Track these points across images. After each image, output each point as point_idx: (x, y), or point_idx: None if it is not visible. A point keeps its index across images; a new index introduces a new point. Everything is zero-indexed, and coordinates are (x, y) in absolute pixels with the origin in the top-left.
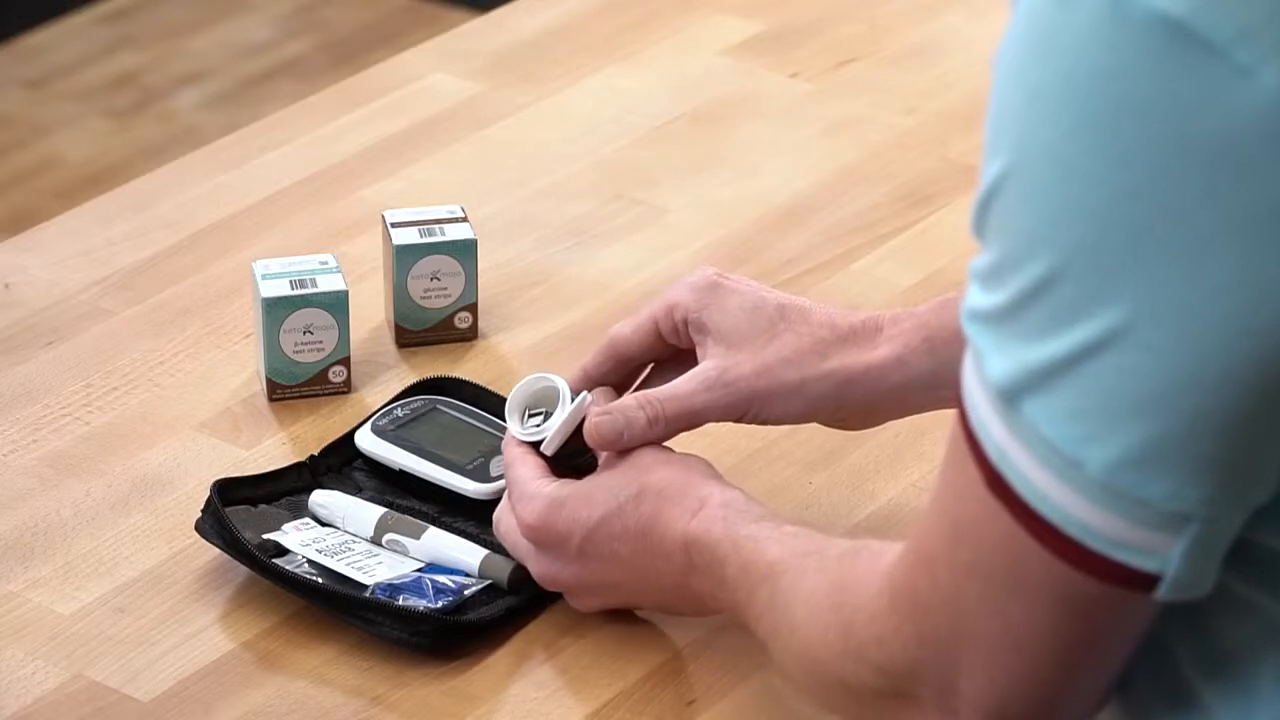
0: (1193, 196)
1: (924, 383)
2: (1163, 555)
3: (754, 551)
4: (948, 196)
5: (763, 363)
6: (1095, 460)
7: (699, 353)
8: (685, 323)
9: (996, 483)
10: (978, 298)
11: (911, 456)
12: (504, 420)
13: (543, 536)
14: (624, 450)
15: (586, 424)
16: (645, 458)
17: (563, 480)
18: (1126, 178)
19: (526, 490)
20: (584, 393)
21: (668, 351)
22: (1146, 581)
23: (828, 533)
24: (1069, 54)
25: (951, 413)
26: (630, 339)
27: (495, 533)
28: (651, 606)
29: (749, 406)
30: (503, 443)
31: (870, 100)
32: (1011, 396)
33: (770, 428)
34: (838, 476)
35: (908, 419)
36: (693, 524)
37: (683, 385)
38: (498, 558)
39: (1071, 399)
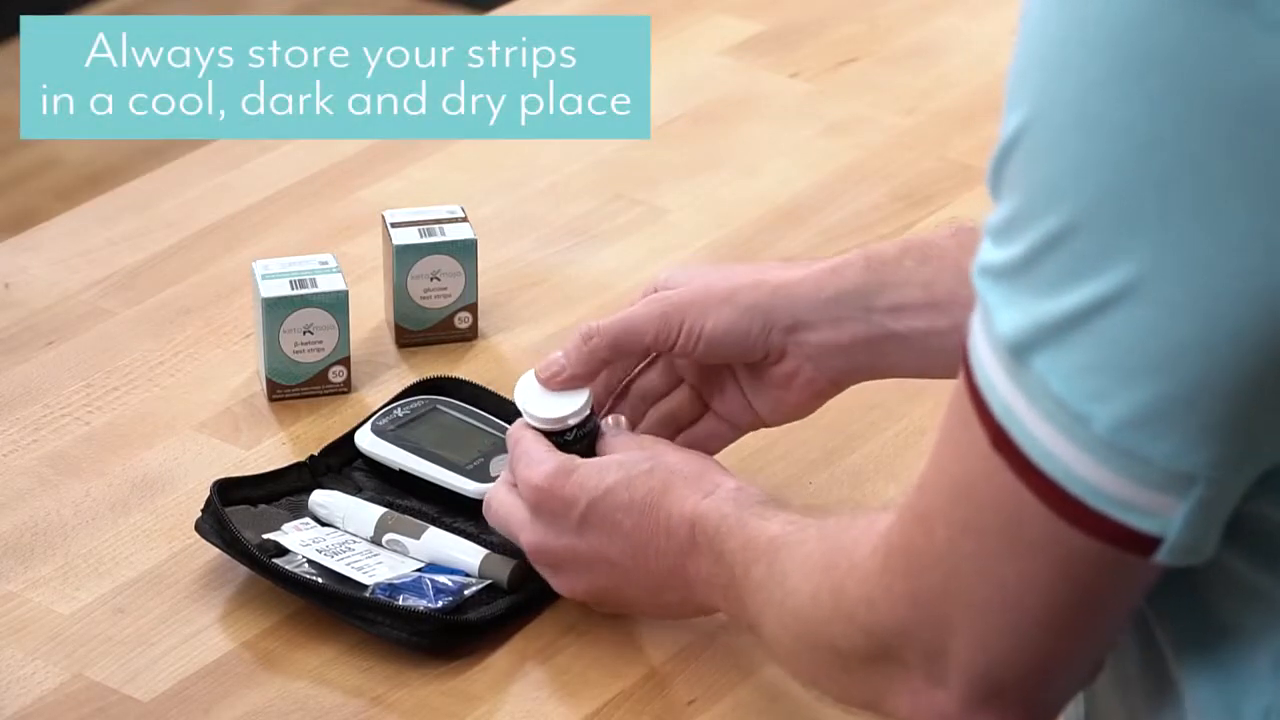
0: (1216, 149)
1: (856, 299)
2: (1165, 517)
3: (757, 528)
4: (948, 196)
5: (702, 280)
6: (1103, 417)
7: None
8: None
9: (1000, 439)
10: (990, 253)
11: (912, 456)
12: (504, 420)
13: (546, 500)
14: (639, 439)
15: (535, 369)
16: (662, 443)
17: (572, 455)
18: (1151, 128)
19: (534, 455)
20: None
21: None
22: (1147, 544)
23: None
24: (1096, 4)
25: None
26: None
27: (485, 512)
28: (635, 597)
29: (682, 316)
30: (511, 427)
31: (870, 100)
32: (1021, 351)
33: (772, 428)
34: (838, 476)
35: (906, 423)
36: (704, 502)
37: (623, 311)
38: (498, 558)
39: (1083, 354)
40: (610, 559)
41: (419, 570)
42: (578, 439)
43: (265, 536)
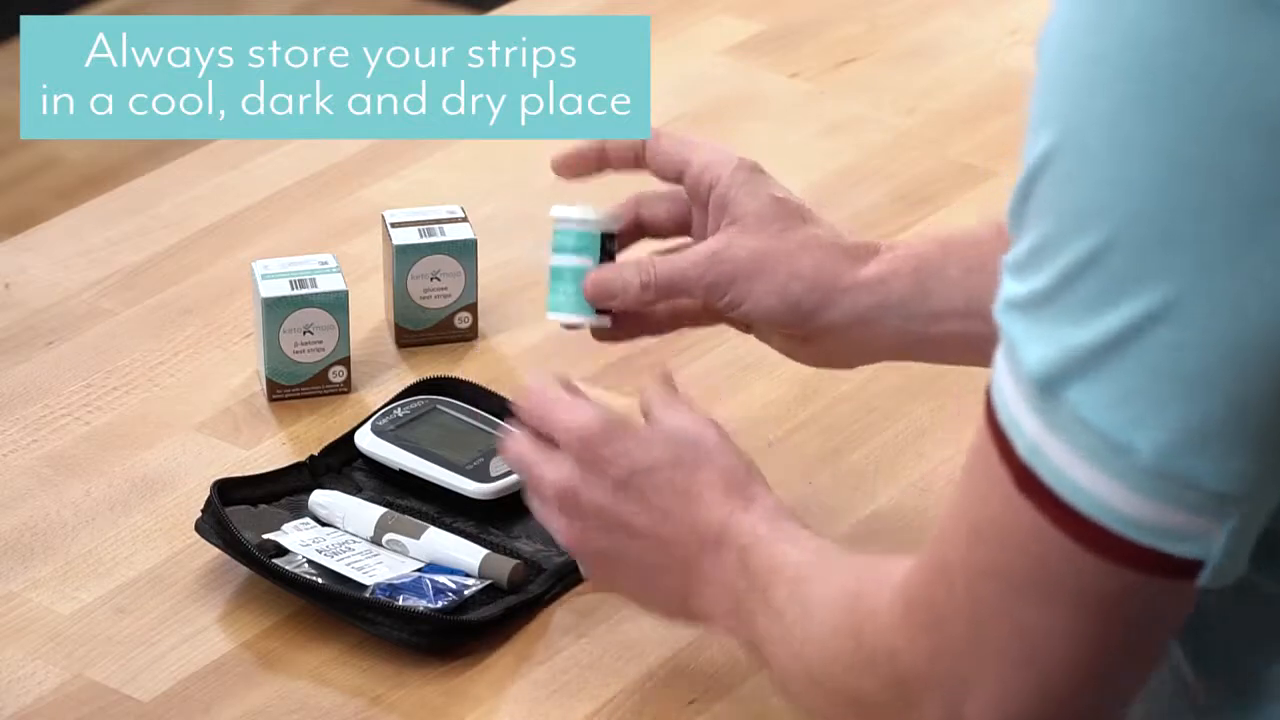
0: (1253, 166)
1: (900, 309)
2: (1206, 540)
3: (787, 551)
4: (948, 196)
5: (759, 249)
6: (1146, 444)
7: (710, 225)
8: (710, 189)
9: (1026, 480)
10: (1012, 288)
11: (911, 456)
12: (504, 420)
13: (589, 449)
14: (695, 422)
15: (587, 279)
16: (718, 439)
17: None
18: (1187, 147)
19: (569, 401)
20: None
21: (671, 184)
22: (1187, 569)
23: (828, 533)
24: (1130, 21)
25: (955, 412)
26: (663, 152)
27: (500, 450)
28: (637, 576)
29: (729, 288)
30: (530, 385)
31: (870, 100)
32: (1051, 385)
33: (772, 428)
34: (838, 476)
35: (906, 423)
36: (739, 512)
37: (681, 257)
38: (498, 558)
39: (1119, 381)
40: (634, 528)
41: (419, 570)
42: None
43: (265, 536)
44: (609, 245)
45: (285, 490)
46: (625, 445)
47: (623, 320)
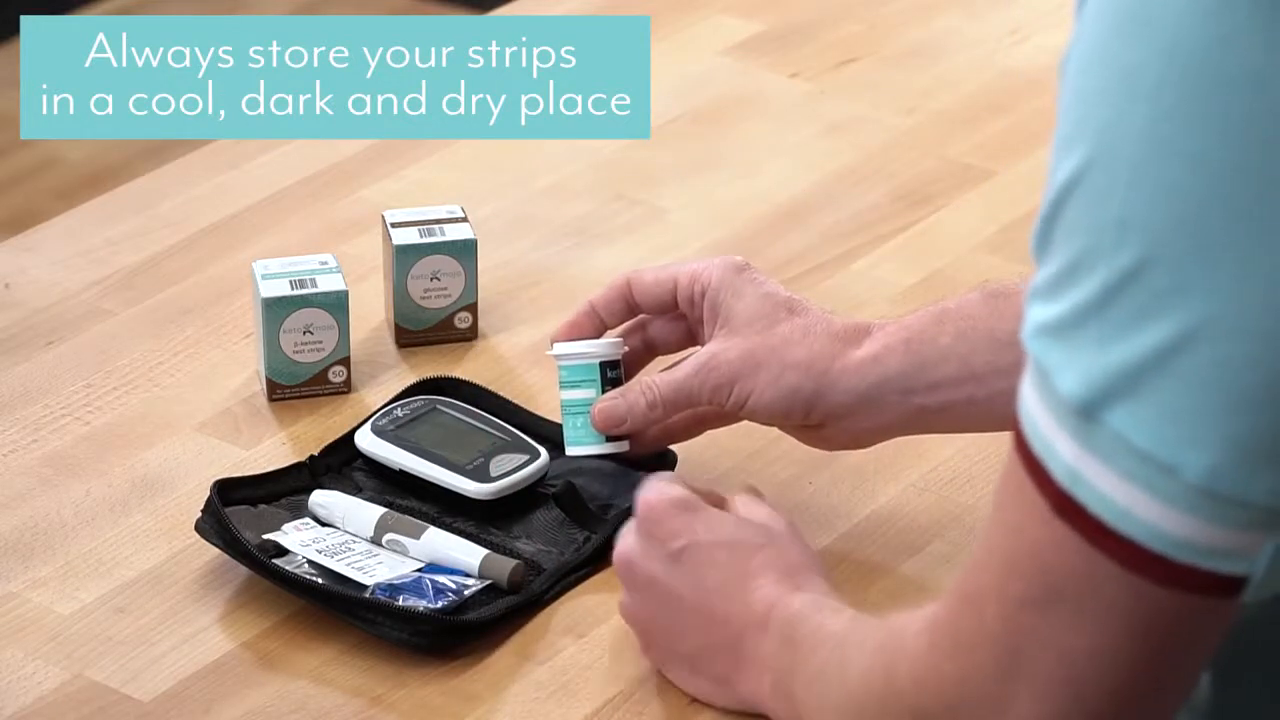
0: None
1: (897, 384)
2: (1250, 556)
3: (828, 620)
4: (948, 196)
5: (749, 348)
6: (1194, 463)
7: (705, 332)
8: (703, 296)
9: (1065, 506)
10: (1042, 313)
11: (911, 456)
12: (504, 420)
13: (655, 519)
14: (769, 514)
15: (596, 407)
16: (787, 530)
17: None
18: (1231, 154)
19: (660, 483)
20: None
21: (670, 312)
22: (1233, 586)
23: (828, 533)
24: (1167, 28)
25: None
26: (648, 288)
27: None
28: (683, 650)
29: (731, 389)
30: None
31: (870, 100)
32: (1091, 408)
33: (771, 429)
34: (838, 476)
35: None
36: (786, 596)
37: (679, 370)
38: (498, 558)
39: (1163, 400)
40: (683, 601)
41: (419, 570)
42: (616, 377)
43: (265, 537)
44: (610, 373)
45: (285, 490)
46: (690, 520)
47: (644, 437)
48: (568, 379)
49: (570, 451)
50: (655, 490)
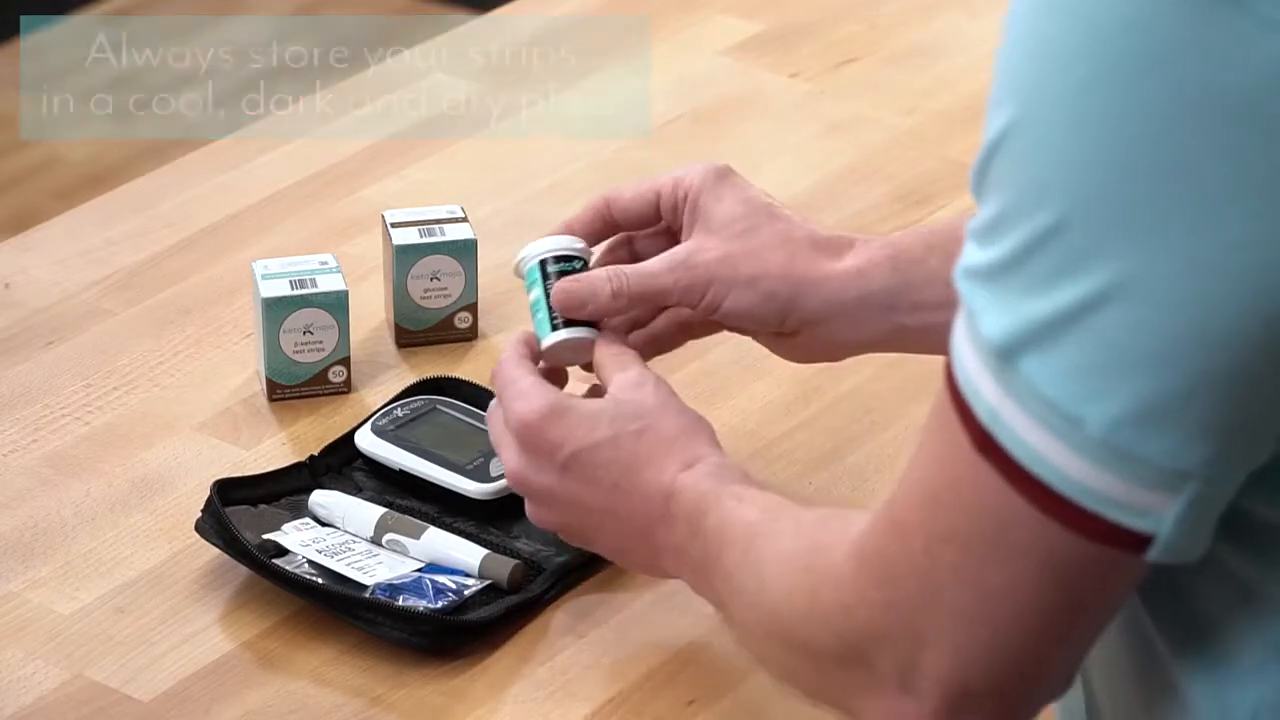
0: (1212, 150)
1: (880, 300)
2: (1157, 515)
3: (734, 510)
4: (948, 196)
5: (728, 251)
6: (1096, 417)
7: (684, 234)
8: (686, 200)
9: (986, 444)
10: (974, 254)
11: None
12: None
13: (532, 438)
14: (639, 383)
15: (555, 286)
16: (659, 400)
17: (565, 391)
18: (1144, 130)
19: (522, 386)
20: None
21: (653, 225)
22: (1138, 542)
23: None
24: (1088, 4)
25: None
26: (629, 204)
27: (489, 419)
28: (603, 545)
29: (705, 290)
30: (503, 355)
31: (870, 100)
32: (1008, 354)
33: (771, 431)
34: (838, 476)
35: (906, 423)
36: (681, 476)
37: (652, 264)
38: (498, 558)
39: (1072, 354)
40: (585, 505)
41: (419, 570)
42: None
43: (265, 537)
44: (550, 268)
45: (285, 490)
46: (567, 425)
47: (635, 342)
48: (527, 283)
49: (543, 345)
50: (524, 401)
